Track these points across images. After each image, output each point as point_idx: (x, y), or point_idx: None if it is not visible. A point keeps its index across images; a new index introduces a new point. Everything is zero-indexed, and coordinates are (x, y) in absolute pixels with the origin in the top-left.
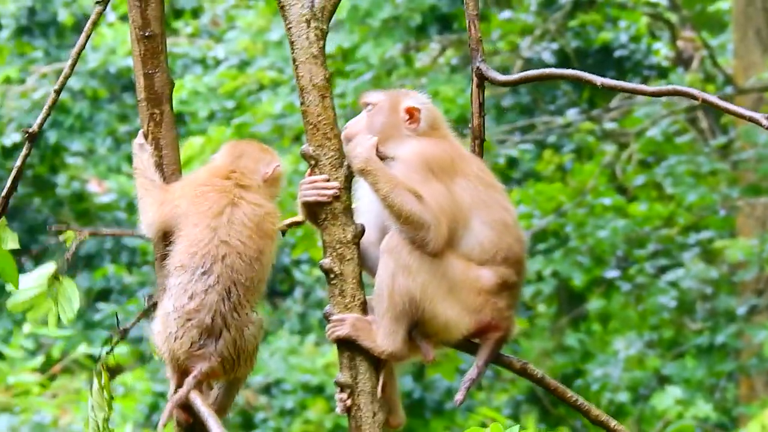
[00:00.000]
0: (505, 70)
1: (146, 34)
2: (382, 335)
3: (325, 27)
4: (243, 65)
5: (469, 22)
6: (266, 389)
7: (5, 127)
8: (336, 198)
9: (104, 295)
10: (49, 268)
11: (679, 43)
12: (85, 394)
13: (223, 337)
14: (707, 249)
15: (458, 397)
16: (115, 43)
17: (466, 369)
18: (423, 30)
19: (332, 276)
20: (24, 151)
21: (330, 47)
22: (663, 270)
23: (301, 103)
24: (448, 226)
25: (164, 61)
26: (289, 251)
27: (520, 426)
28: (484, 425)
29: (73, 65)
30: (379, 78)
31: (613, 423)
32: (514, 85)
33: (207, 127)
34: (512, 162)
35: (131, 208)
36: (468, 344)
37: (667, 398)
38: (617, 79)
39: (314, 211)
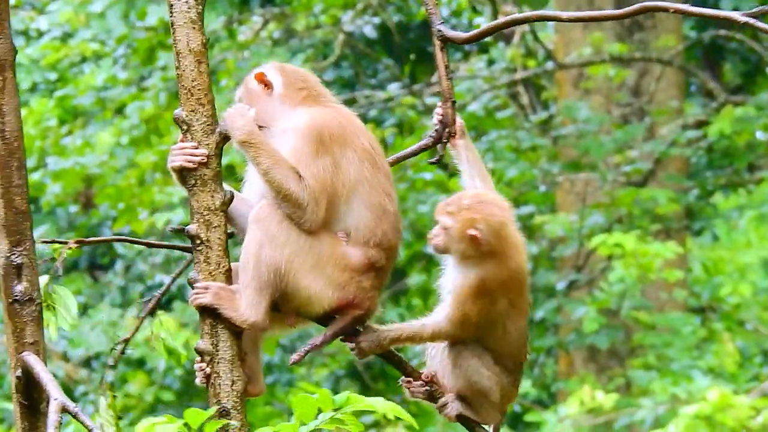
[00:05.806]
0: (327, 44)
1: None
2: (245, 305)
3: None
4: (66, 37)
5: None
6: (87, 362)
7: None
8: (204, 164)
9: None
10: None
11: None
12: None
13: None
14: (527, 224)
15: (294, 356)
16: None
17: (286, 344)
18: (246, 3)
19: (198, 242)
20: None
21: (152, 20)
22: None
23: (177, 68)
24: (326, 206)
25: (7, 27)
26: (110, 224)
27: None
28: None
29: None
30: None
31: None
32: (476, 40)
33: (29, 99)
34: None
35: None
36: (330, 319)
37: None
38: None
39: (183, 176)
